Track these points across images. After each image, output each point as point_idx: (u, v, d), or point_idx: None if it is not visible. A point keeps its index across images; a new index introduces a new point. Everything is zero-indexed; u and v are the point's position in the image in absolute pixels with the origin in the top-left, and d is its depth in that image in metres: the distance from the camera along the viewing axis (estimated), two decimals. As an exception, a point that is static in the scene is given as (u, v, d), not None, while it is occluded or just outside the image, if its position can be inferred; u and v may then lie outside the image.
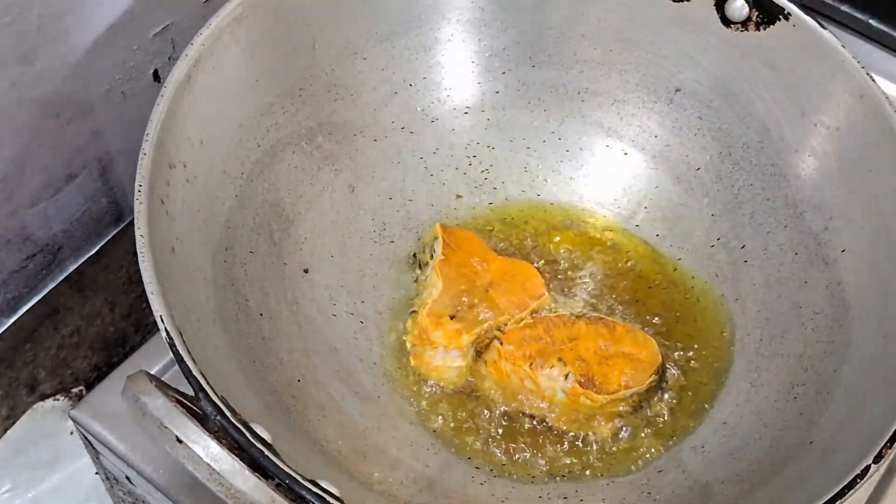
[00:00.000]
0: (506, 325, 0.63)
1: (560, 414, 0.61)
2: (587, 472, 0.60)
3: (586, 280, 0.67)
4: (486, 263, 0.65)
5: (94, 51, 0.62)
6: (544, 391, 0.61)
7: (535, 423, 0.61)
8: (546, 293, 0.65)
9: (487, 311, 0.63)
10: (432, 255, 0.65)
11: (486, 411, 0.62)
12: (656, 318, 0.66)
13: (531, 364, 0.61)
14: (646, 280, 0.68)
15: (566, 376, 0.60)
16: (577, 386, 0.60)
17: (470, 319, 0.63)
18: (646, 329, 0.65)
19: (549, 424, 0.61)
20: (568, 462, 0.60)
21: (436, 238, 0.65)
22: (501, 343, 0.61)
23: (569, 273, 0.68)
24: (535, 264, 0.67)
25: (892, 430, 0.50)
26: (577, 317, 0.63)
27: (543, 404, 0.61)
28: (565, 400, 0.61)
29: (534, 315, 0.64)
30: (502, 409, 0.62)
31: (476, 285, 0.64)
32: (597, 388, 0.60)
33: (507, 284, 0.64)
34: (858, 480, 0.49)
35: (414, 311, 0.64)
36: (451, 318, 0.62)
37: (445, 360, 0.62)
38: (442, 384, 0.62)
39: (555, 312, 0.64)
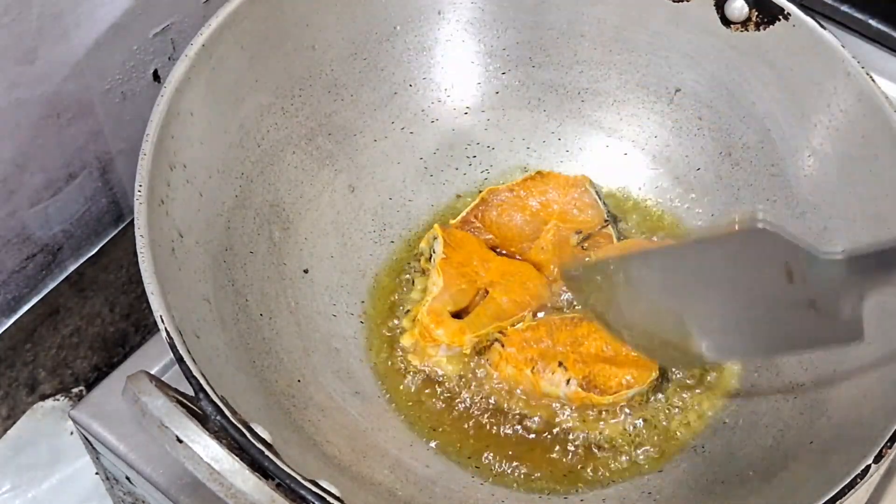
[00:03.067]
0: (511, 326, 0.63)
1: (562, 415, 0.61)
2: (588, 472, 0.60)
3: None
4: (487, 263, 0.65)
5: (94, 51, 0.62)
6: (546, 395, 0.61)
7: (536, 423, 0.61)
8: (547, 293, 0.65)
9: (492, 312, 0.63)
10: (431, 256, 0.65)
11: (486, 412, 0.62)
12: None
13: (533, 368, 0.61)
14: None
15: (568, 381, 0.60)
16: (580, 390, 0.60)
17: (475, 320, 0.63)
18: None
19: (551, 424, 0.61)
20: (569, 462, 0.60)
21: (435, 238, 0.65)
22: (503, 345, 0.61)
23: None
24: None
25: (893, 430, 0.50)
26: (579, 318, 0.63)
27: (545, 405, 0.61)
28: (568, 402, 0.61)
29: (536, 315, 0.64)
30: (503, 409, 0.62)
31: (477, 285, 0.64)
32: (599, 390, 0.60)
33: (508, 284, 0.64)
34: (858, 480, 0.49)
35: (409, 311, 0.64)
36: (453, 315, 0.62)
37: (445, 358, 0.62)
38: (441, 383, 0.62)
39: (557, 313, 0.64)
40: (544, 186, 0.68)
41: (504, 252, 0.67)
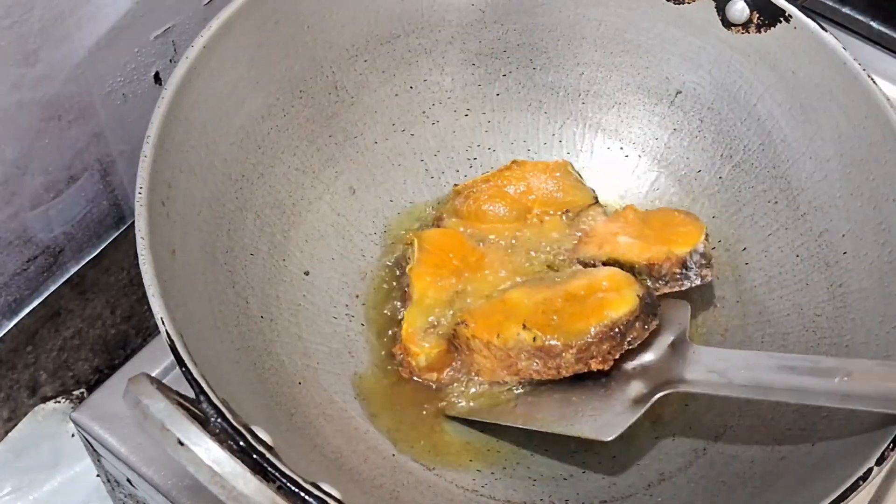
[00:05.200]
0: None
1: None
2: (588, 473, 0.60)
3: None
4: (466, 257, 0.64)
5: (96, 53, 0.62)
6: (519, 357, 0.60)
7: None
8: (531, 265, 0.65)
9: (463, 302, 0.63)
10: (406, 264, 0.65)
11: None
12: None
13: (498, 335, 0.59)
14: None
15: (533, 339, 0.59)
16: (545, 343, 0.59)
17: (444, 325, 0.62)
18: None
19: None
20: (569, 462, 0.60)
21: (410, 244, 0.65)
22: (467, 325, 0.60)
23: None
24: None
25: (895, 433, 0.50)
26: (548, 285, 0.62)
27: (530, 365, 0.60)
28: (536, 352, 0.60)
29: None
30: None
31: (462, 276, 0.63)
32: (564, 335, 0.58)
33: (491, 264, 0.64)
34: (861, 483, 0.49)
35: (401, 320, 0.64)
36: (430, 328, 0.62)
37: (428, 365, 0.62)
38: (436, 388, 0.62)
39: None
40: (521, 174, 0.68)
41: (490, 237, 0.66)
